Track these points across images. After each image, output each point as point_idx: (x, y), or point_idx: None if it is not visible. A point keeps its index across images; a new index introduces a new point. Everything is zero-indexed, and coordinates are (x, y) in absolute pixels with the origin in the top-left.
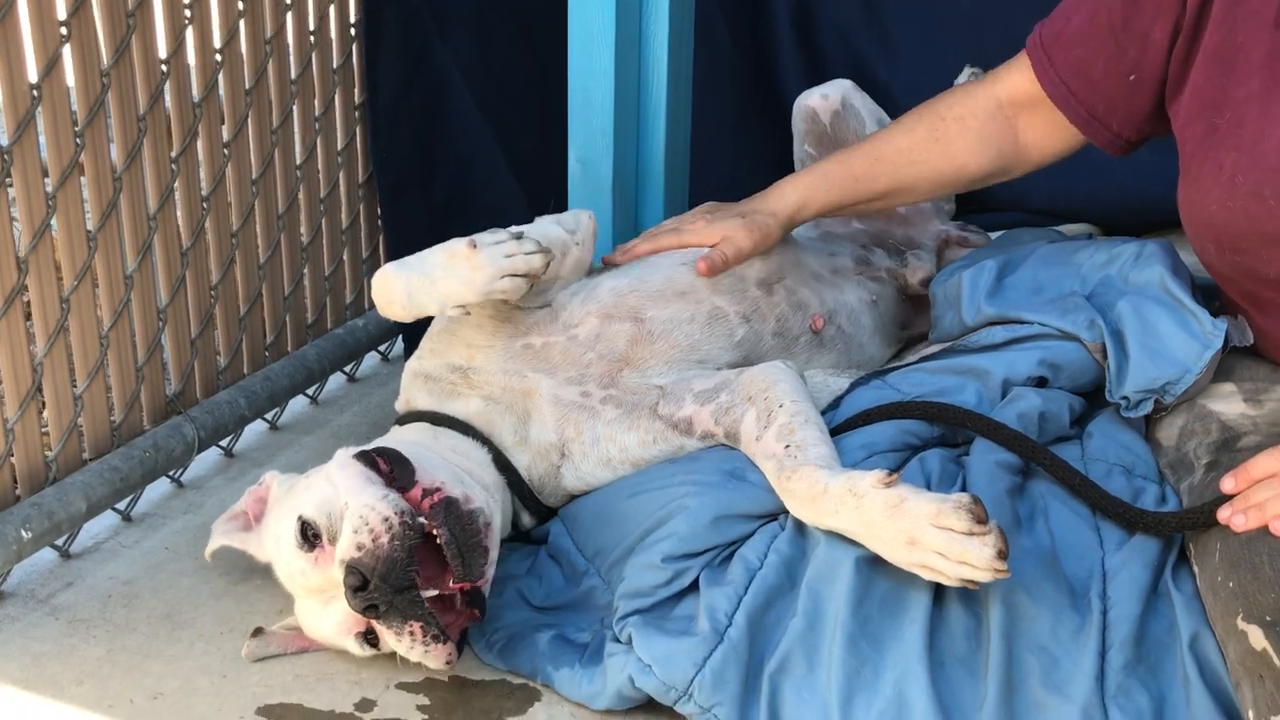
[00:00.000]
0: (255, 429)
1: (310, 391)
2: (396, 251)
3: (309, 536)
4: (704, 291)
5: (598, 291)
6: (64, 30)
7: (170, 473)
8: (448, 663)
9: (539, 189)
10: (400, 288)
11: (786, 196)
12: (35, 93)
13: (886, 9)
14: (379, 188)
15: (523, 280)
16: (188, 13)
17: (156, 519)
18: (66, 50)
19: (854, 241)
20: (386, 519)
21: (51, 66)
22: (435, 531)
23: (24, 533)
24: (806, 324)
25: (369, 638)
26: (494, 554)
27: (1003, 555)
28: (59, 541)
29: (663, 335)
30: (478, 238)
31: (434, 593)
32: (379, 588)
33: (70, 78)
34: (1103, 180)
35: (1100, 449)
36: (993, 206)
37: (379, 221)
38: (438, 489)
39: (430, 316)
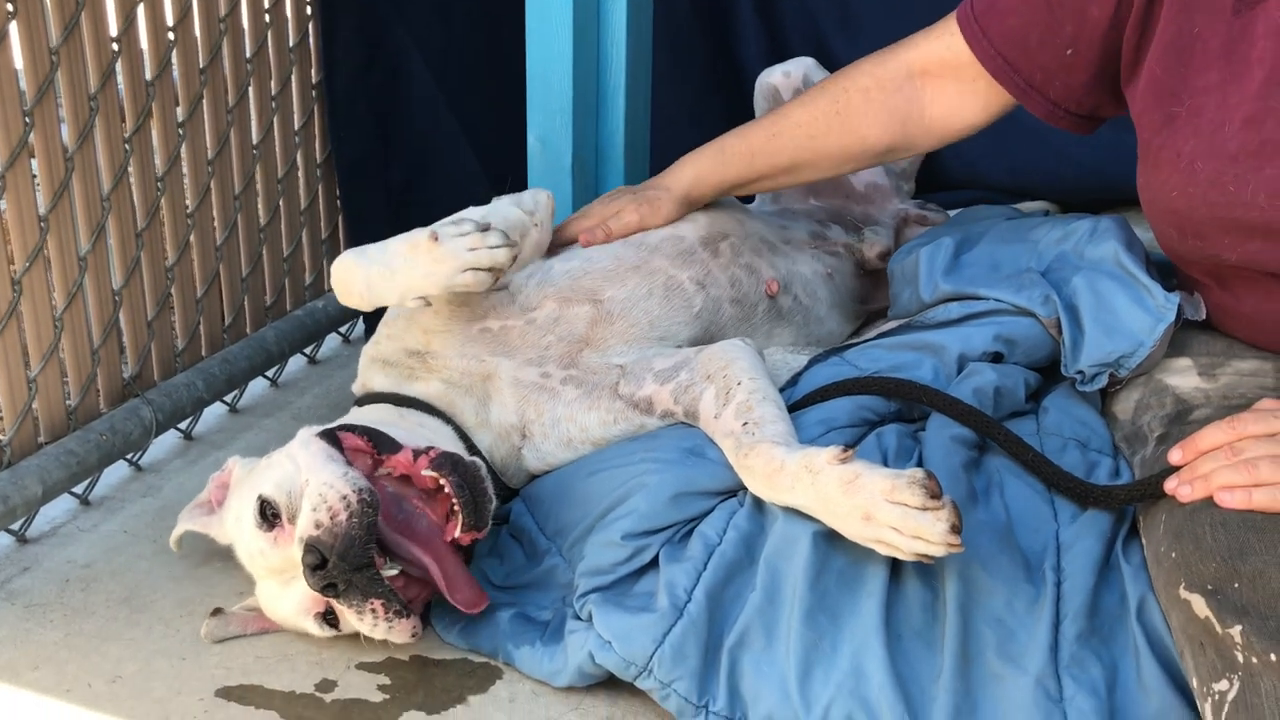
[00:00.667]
0: (215, 412)
1: (270, 374)
2: (355, 232)
3: (268, 515)
4: (656, 261)
5: (551, 274)
6: (10, 7)
7: (128, 456)
8: (413, 636)
9: (500, 169)
10: (360, 279)
11: (682, 172)
12: None
13: None
14: (337, 168)
15: (486, 274)
16: None
17: (115, 503)
18: (13, 27)
19: (810, 218)
20: (345, 497)
21: None
22: (442, 482)
23: None
24: (761, 289)
25: (329, 618)
26: (494, 504)
27: (956, 530)
28: (15, 526)
29: (622, 315)
30: (440, 229)
31: (392, 572)
32: (337, 566)
33: (18, 57)
34: (1063, 159)
35: (1055, 424)
36: (953, 184)
37: (338, 202)
38: (430, 447)
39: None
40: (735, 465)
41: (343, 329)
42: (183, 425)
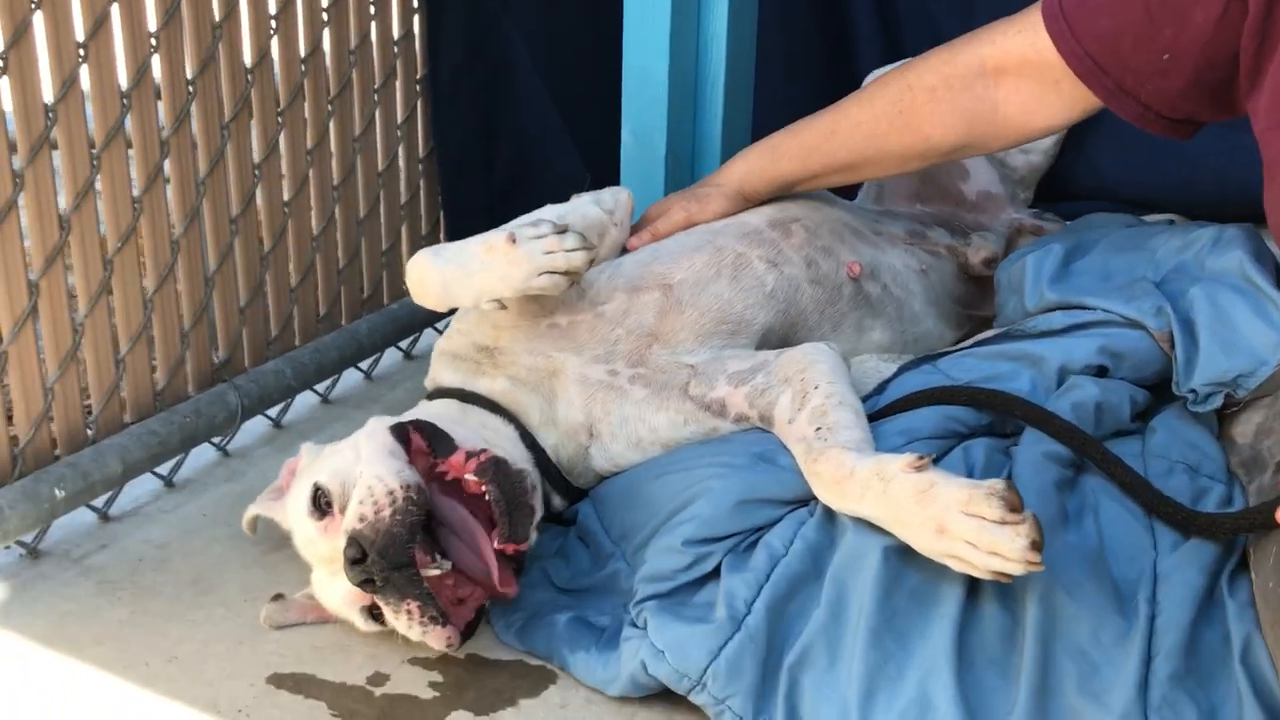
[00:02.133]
0: (307, 401)
1: (365, 366)
2: (456, 228)
3: (320, 504)
4: (722, 240)
5: (623, 267)
6: None
7: (215, 440)
8: (448, 645)
9: (604, 165)
10: (435, 279)
11: (733, 168)
12: (81, 53)
13: None
14: (439, 162)
15: (562, 278)
16: None
17: (198, 485)
18: (115, 9)
19: (913, 219)
20: (391, 492)
21: (98, 27)
22: (484, 489)
23: (58, 492)
24: (842, 271)
25: (374, 613)
26: (538, 516)
27: (1037, 547)
28: (100, 504)
29: (691, 301)
30: (518, 230)
31: (435, 572)
32: (375, 562)
33: (118, 39)
34: (1198, 169)
35: (1163, 445)
36: (1078, 195)
37: (439, 198)
38: (483, 450)
39: None
40: (804, 471)
41: (439, 324)
42: (273, 413)
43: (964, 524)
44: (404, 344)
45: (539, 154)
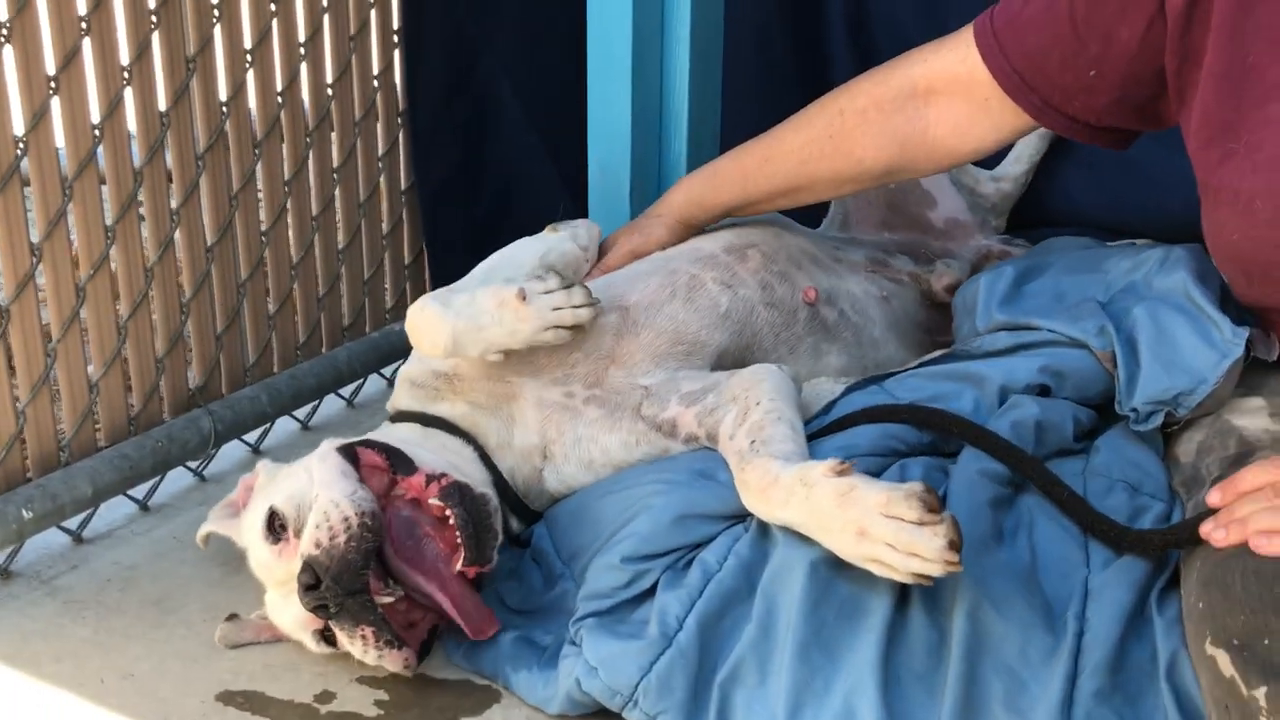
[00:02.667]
0: (287, 428)
1: (346, 393)
2: (438, 260)
3: (275, 527)
4: (676, 264)
5: None
6: (84, 25)
7: (193, 465)
8: (405, 667)
9: (587, 197)
10: (445, 331)
11: (674, 196)
12: (52, 85)
13: (948, 14)
14: (419, 195)
15: (567, 332)
16: (216, 12)
17: (172, 509)
18: (86, 44)
19: (877, 247)
20: (346, 519)
21: (69, 60)
22: (448, 513)
23: (25, 513)
24: (798, 296)
25: (327, 635)
26: (500, 539)
27: (954, 546)
28: (73, 525)
29: (647, 323)
30: (528, 287)
31: (389, 599)
32: (330, 588)
33: (90, 75)
34: (1168, 192)
35: (1105, 464)
36: (1050, 221)
37: (421, 229)
38: (444, 474)
39: None
40: (736, 482)
41: None
42: (252, 438)
43: (883, 526)
44: (387, 371)
45: (521, 186)
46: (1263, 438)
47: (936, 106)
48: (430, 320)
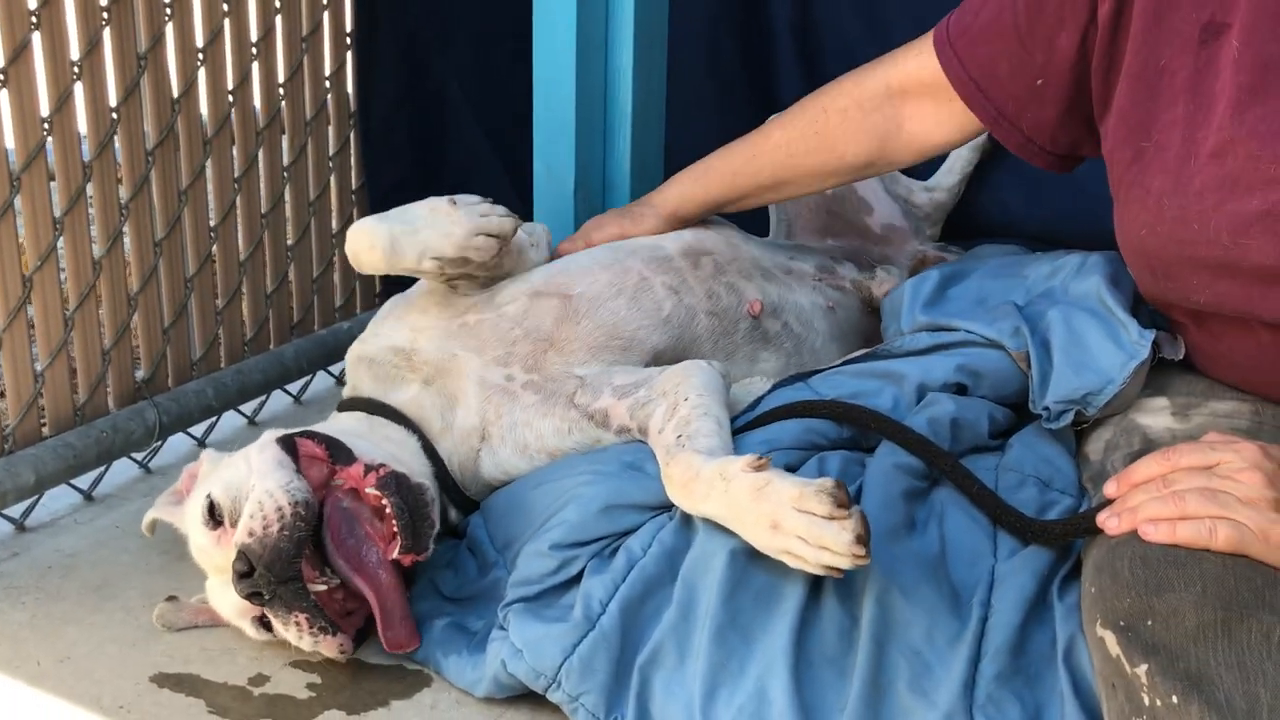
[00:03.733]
0: (234, 423)
1: (294, 389)
2: None
3: (214, 515)
4: (631, 263)
5: (532, 275)
6: (34, 19)
7: (138, 457)
8: (341, 653)
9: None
10: (384, 235)
11: (669, 190)
12: (1, 78)
13: (890, 21)
14: (369, 194)
15: (494, 241)
16: (168, 10)
17: (116, 500)
18: (36, 38)
19: (824, 254)
20: (280, 508)
21: (18, 53)
22: (384, 502)
23: None
24: (744, 308)
25: (264, 622)
26: (436, 529)
27: (862, 541)
28: (15, 514)
29: (588, 314)
30: (457, 197)
31: (322, 587)
32: (263, 576)
33: (40, 69)
34: (1101, 203)
35: (1017, 460)
36: (987, 231)
37: None
38: (382, 464)
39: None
40: (661, 475)
41: None
42: (198, 432)
43: (795, 519)
44: (334, 368)
45: (471, 187)
46: (1165, 436)
47: (909, 106)
48: (368, 229)
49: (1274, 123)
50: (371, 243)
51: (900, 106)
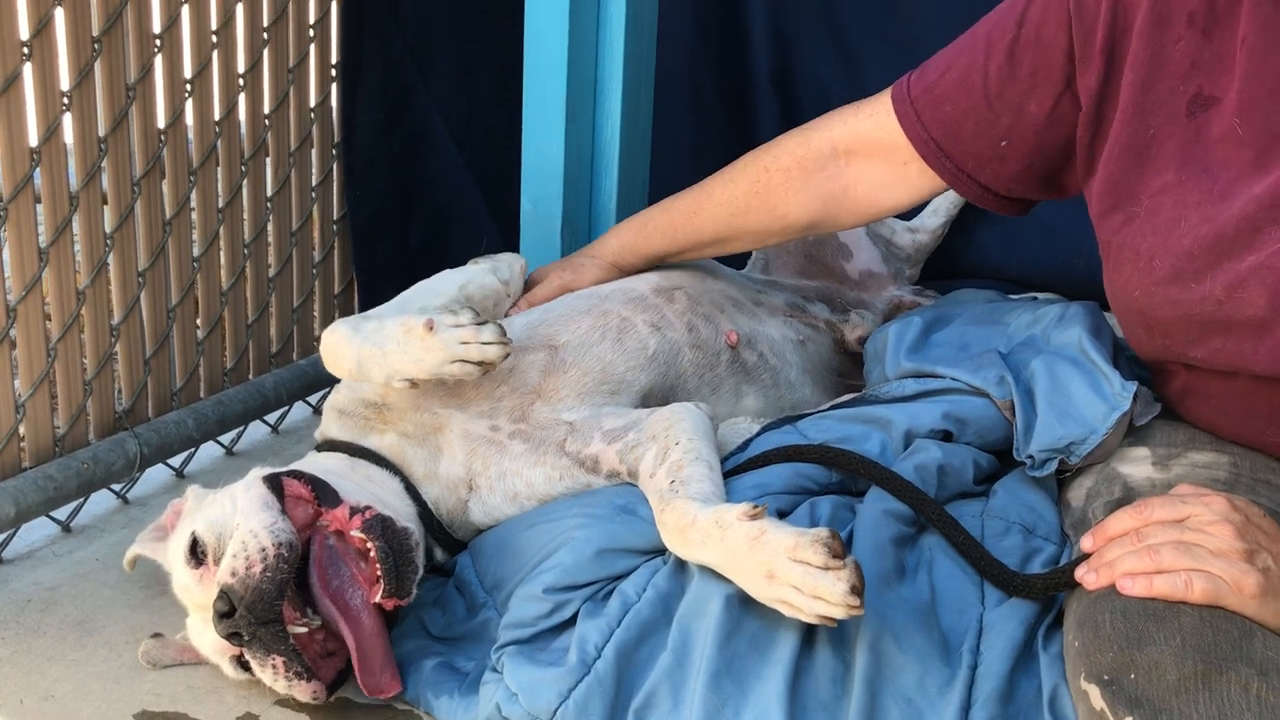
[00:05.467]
0: (212, 453)
1: (272, 420)
2: (368, 290)
3: (197, 553)
4: (609, 306)
5: (512, 328)
6: (25, 50)
7: (116, 488)
8: (314, 698)
9: (517, 232)
10: (351, 354)
11: (609, 241)
12: None
13: (865, 63)
14: (351, 226)
15: (475, 367)
16: (158, 42)
17: (94, 531)
18: (27, 69)
19: (796, 293)
20: (264, 549)
21: (9, 84)
22: (369, 546)
23: None
24: (721, 339)
25: (243, 662)
26: (420, 573)
27: (857, 591)
28: None
29: (575, 362)
30: (438, 319)
31: (302, 629)
32: (243, 617)
33: (30, 96)
34: (1073, 251)
35: (1001, 507)
36: (962, 273)
37: (352, 258)
38: (368, 506)
39: None
40: (656, 521)
41: None
42: (176, 462)
43: (791, 569)
44: (313, 399)
45: (452, 220)
46: (1145, 485)
47: (856, 166)
48: (338, 342)
49: (1276, 190)
50: (337, 360)
51: (846, 168)
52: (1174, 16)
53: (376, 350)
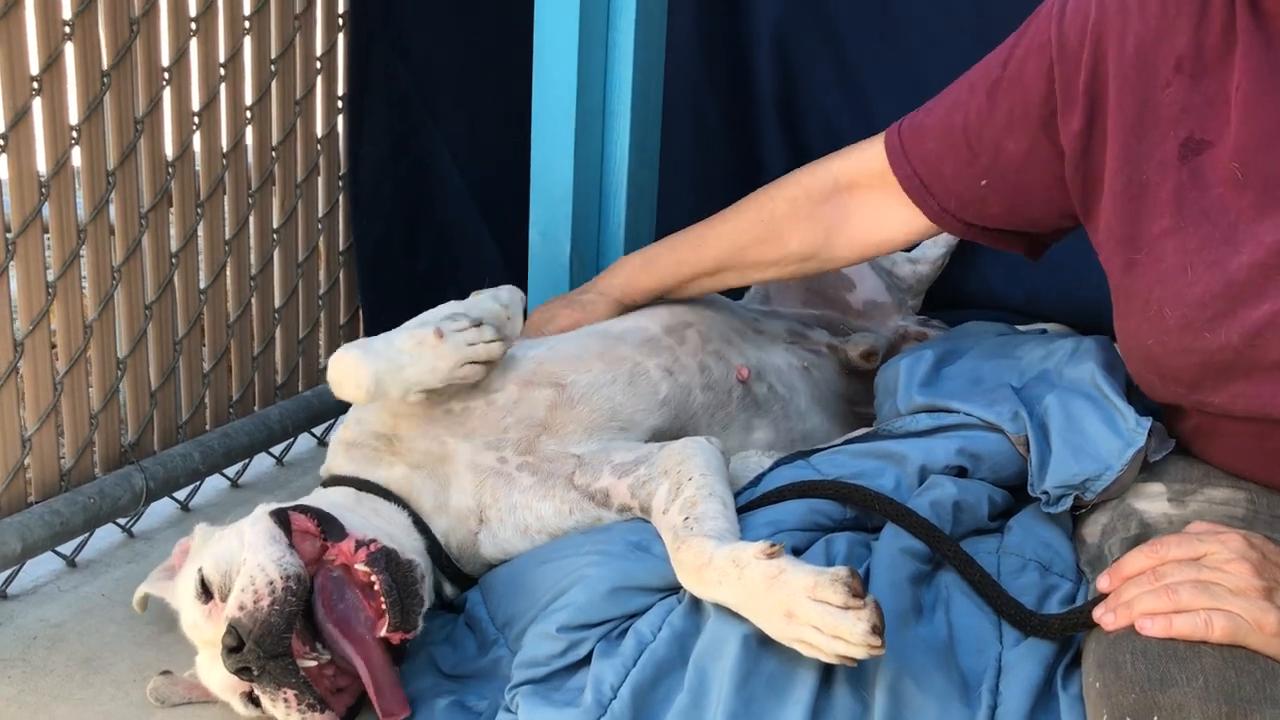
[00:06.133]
0: (216, 485)
1: (276, 452)
2: (374, 320)
3: (205, 589)
4: (622, 350)
5: (516, 359)
6: (35, 85)
7: (121, 522)
8: None
9: (522, 266)
10: (368, 373)
11: (615, 276)
12: (1, 141)
13: (870, 92)
14: (357, 257)
15: (482, 367)
16: (166, 75)
17: (100, 566)
18: (36, 102)
19: (797, 320)
20: (271, 582)
21: (19, 118)
22: (373, 578)
23: None
24: (733, 375)
25: (253, 698)
26: (427, 606)
27: (877, 631)
28: None
29: (583, 400)
30: (443, 325)
31: (312, 663)
32: (252, 651)
33: (38, 128)
34: (1080, 282)
35: (1017, 543)
36: (967, 304)
37: (358, 289)
38: (373, 540)
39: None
40: (671, 559)
41: None
42: (181, 495)
43: (810, 609)
44: (317, 430)
45: (458, 252)
46: (1161, 521)
47: (856, 199)
48: (351, 364)
49: None
50: (356, 382)
51: (848, 199)
52: (1160, 62)
53: (392, 365)
